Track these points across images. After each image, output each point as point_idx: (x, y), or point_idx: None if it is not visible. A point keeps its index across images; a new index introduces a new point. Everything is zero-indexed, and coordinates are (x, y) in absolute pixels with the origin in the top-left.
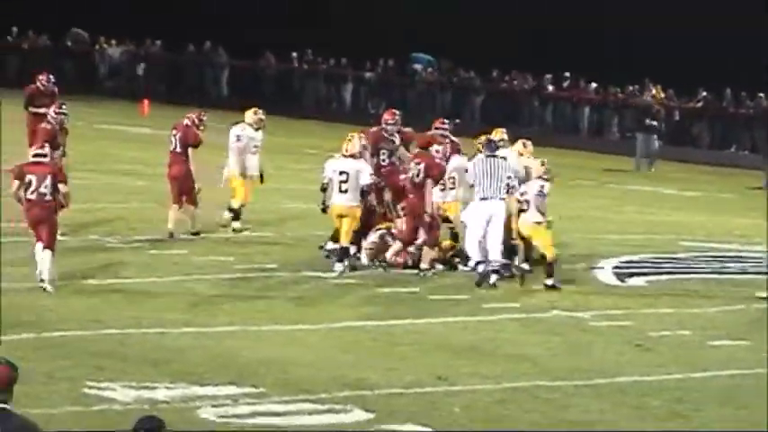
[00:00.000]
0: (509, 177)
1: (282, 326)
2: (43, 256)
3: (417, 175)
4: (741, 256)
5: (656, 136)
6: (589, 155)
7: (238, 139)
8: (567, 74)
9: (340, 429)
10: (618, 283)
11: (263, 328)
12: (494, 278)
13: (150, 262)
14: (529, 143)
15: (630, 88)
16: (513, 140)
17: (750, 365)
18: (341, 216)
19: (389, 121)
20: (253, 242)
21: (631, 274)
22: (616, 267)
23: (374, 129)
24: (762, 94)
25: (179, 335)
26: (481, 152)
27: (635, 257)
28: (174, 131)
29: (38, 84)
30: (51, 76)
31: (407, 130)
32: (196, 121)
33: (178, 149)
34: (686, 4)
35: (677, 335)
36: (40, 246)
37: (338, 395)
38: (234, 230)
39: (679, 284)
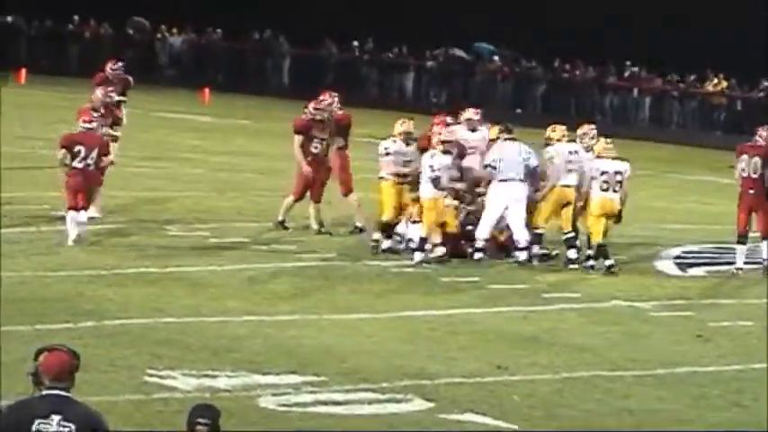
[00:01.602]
0: (527, 159)
1: (343, 315)
2: (80, 217)
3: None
4: None
5: None
6: (649, 144)
7: (387, 153)
8: (628, 63)
9: (400, 419)
10: (678, 273)
11: (324, 317)
12: (522, 256)
13: (210, 250)
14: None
15: (691, 78)
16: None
17: None
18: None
19: (320, 105)
20: (313, 230)
21: (692, 265)
22: (677, 257)
23: (305, 115)
24: None
25: (240, 323)
26: (550, 144)
27: (695, 247)
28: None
29: (106, 71)
30: (120, 63)
31: (341, 113)
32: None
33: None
34: None
35: (737, 325)
36: (72, 214)
37: (398, 384)
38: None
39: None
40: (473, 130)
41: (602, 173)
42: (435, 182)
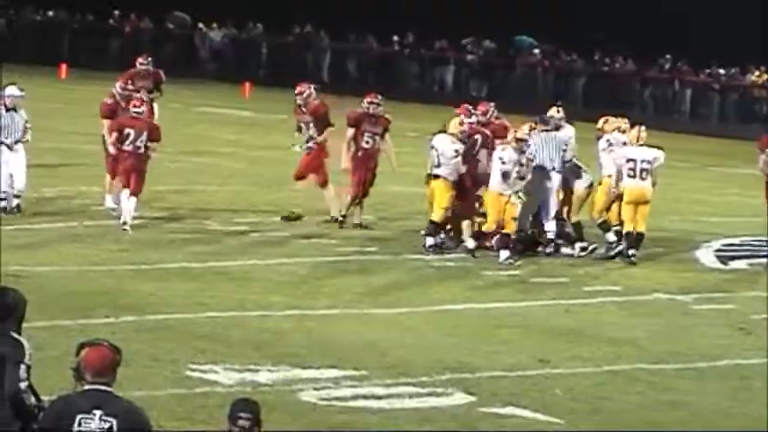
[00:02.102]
0: (564, 150)
1: (384, 309)
2: (130, 202)
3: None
4: None
5: None
6: (690, 137)
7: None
8: (669, 56)
9: (441, 412)
10: (720, 265)
11: (365, 311)
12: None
13: (252, 244)
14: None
15: (732, 71)
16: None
17: None
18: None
19: (374, 99)
20: (353, 225)
21: (733, 257)
22: (718, 250)
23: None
24: None
25: (281, 318)
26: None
27: (737, 240)
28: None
29: (137, 65)
30: (150, 58)
31: (316, 102)
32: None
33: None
34: None
35: None
36: (126, 192)
37: (439, 378)
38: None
39: None
40: (557, 129)
41: (629, 160)
42: (505, 175)
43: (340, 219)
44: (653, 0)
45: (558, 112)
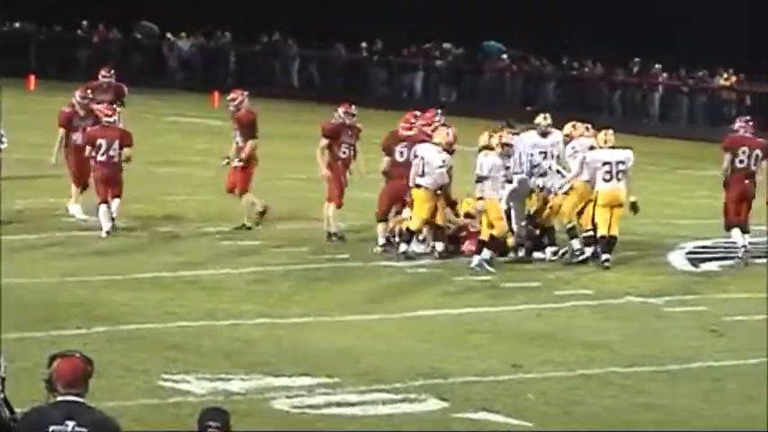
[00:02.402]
0: (531, 155)
1: (356, 316)
2: (113, 206)
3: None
4: None
5: None
6: (659, 140)
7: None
8: (637, 59)
9: (414, 418)
10: (691, 268)
11: (337, 319)
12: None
13: (223, 253)
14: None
15: (700, 73)
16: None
17: None
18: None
19: (349, 109)
20: (324, 232)
21: (704, 259)
22: (689, 252)
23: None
24: None
25: (253, 326)
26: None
27: (708, 242)
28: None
29: (99, 78)
30: (112, 71)
31: (244, 110)
32: None
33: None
34: None
35: (752, 319)
36: (104, 207)
37: (413, 384)
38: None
39: (752, 268)
40: (544, 135)
41: (604, 163)
42: (481, 179)
43: (333, 233)
44: (621, 4)
45: (546, 119)
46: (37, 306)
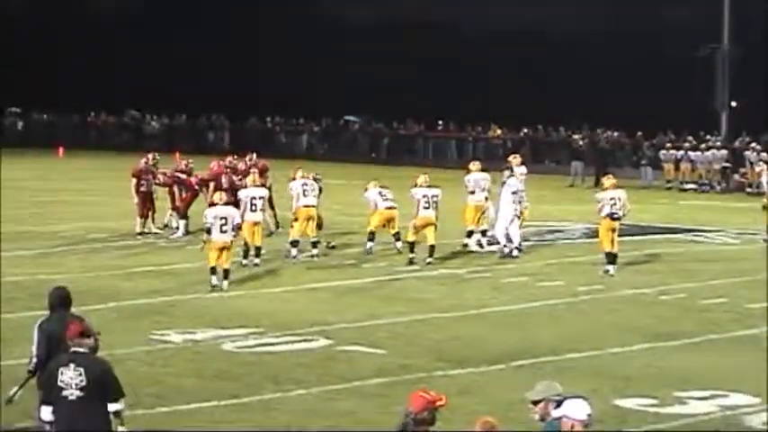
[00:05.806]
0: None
1: (274, 288)
2: None
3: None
4: (558, 230)
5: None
6: (456, 172)
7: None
8: (440, 121)
9: (312, 352)
10: (480, 250)
11: (260, 291)
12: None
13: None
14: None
15: (479, 128)
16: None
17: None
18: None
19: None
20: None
21: (491, 243)
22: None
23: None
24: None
25: (209, 299)
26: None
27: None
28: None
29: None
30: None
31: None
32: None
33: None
34: None
35: (519, 280)
36: None
37: (309, 330)
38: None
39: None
40: (512, 171)
41: (423, 195)
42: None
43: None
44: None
45: (516, 158)
46: None
